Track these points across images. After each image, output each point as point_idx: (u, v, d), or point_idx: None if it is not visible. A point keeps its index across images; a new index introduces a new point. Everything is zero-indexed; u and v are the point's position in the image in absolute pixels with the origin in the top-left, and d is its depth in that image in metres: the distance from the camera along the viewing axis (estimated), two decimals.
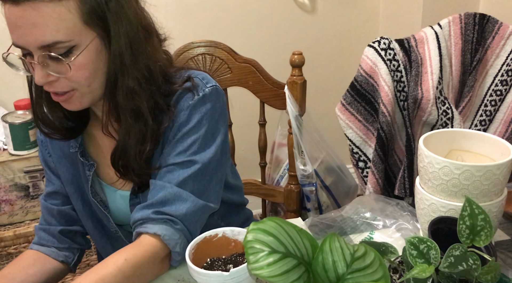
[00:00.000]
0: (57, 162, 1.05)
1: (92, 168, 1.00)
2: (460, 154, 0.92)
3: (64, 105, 0.90)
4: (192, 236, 0.88)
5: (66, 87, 0.85)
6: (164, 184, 0.90)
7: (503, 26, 1.37)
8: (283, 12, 2.19)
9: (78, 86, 0.86)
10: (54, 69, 0.83)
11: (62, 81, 0.84)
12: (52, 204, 1.07)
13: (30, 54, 0.83)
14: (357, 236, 1.00)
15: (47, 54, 0.81)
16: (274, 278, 0.60)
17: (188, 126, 0.92)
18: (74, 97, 0.87)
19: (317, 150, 1.50)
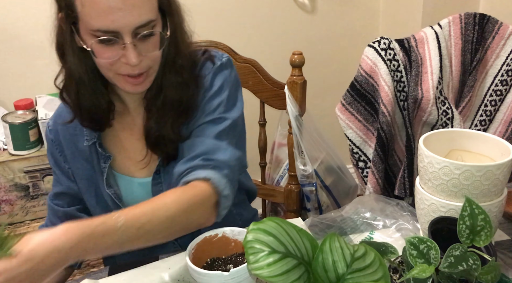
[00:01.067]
0: (70, 158, 1.06)
1: (108, 159, 1.02)
2: (460, 154, 0.92)
3: (136, 88, 0.94)
4: (233, 187, 0.92)
5: (146, 67, 0.91)
6: (202, 139, 0.95)
7: (503, 26, 1.37)
8: (283, 12, 2.19)
9: (153, 64, 0.93)
10: (143, 48, 0.89)
11: (144, 62, 0.90)
12: (58, 205, 1.08)
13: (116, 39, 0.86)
14: (357, 236, 1.00)
15: (142, 33, 0.86)
16: (274, 278, 0.60)
17: (212, 90, 0.99)
18: (148, 76, 0.94)
19: (317, 150, 1.50)
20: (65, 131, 1.06)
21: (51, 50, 2.06)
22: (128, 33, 0.85)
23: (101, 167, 1.03)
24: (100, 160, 1.03)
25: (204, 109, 0.98)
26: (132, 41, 0.86)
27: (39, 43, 1.90)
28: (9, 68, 1.91)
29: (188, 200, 0.85)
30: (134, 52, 0.87)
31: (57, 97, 1.86)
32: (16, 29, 1.87)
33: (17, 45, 1.89)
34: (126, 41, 0.86)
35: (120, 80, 0.93)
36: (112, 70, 0.91)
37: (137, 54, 0.87)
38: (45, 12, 1.98)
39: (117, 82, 0.94)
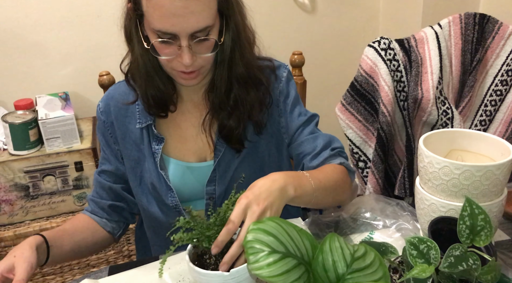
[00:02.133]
0: (121, 139, 1.11)
1: (161, 142, 1.08)
2: (460, 154, 0.92)
3: (189, 82, 1.02)
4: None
5: (198, 66, 0.98)
6: (314, 135, 1.11)
7: (503, 26, 1.37)
8: (283, 12, 2.19)
9: (205, 63, 1.00)
10: (198, 50, 0.95)
11: (197, 61, 0.97)
12: (105, 180, 1.14)
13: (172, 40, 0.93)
14: (357, 236, 1.00)
15: (198, 38, 0.93)
16: (274, 278, 0.60)
17: (291, 97, 1.12)
18: (200, 74, 1.01)
19: None
20: (118, 113, 1.11)
21: (51, 50, 2.07)
22: (185, 36, 0.92)
23: (152, 149, 1.08)
24: (152, 142, 1.08)
25: (293, 113, 1.12)
26: (188, 44, 0.93)
27: (39, 43, 1.90)
28: (9, 68, 1.91)
29: (340, 172, 1.05)
30: (188, 54, 0.94)
31: (57, 97, 1.86)
32: (16, 29, 1.87)
33: (17, 45, 1.89)
34: (183, 44, 0.93)
35: (175, 74, 1.01)
36: (169, 66, 0.99)
37: (191, 56, 0.94)
38: (46, 12, 1.98)
39: (172, 75, 1.02)
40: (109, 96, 1.13)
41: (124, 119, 1.10)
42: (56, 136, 1.73)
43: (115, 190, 1.14)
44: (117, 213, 1.15)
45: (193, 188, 1.10)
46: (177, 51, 0.94)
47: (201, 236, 0.79)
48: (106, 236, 1.15)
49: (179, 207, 1.09)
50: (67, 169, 1.75)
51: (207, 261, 0.81)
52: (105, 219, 1.14)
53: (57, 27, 1.90)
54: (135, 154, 1.10)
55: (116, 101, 1.11)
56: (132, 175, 1.12)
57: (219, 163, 1.08)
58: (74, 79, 1.99)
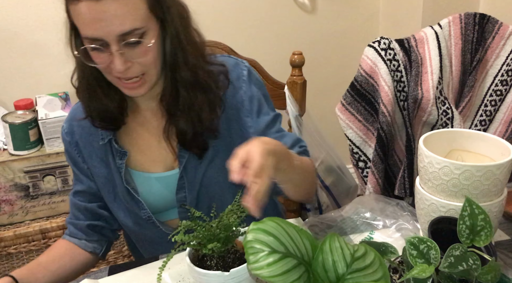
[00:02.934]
0: (88, 157, 1.10)
1: (124, 156, 1.06)
2: (460, 154, 0.92)
3: (133, 92, 0.97)
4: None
5: (138, 72, 0.94)
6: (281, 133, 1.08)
7: (503, 26, 1.37)
8: (283, 12, 2.19)
9: (148, 69, 0.95)
10: (131, 55, 0.91)
11: (135, 67, 0.93)
12: (80, 201, 1.13)
13: (103, 47, 0.90)
14: (357, 236, 1.00)
15: (127, 41, 0.89)
16: (274, 278, 0.60)
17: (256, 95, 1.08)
18: (144, 82, 0.96)
19: (317, 150, 1.50)
20: (81, 132, 1.09)
21: (51, 50, 2.07)
22: (113, 41, 0.89)
23: (117, 164, 1.06)
24: (116, 157, 1.06)
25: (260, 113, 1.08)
26: (118, 49, 0.89)
27: (39, 43, 1.90)
28: (9, 68, 1.91)
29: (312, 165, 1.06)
30: (119, 60, 0.90)
31: (57, 97, 1.86)
32: (16, 29, 1.87)
33: (17, 45, 1.89)
34: (112, 49, 0.89)
35: (118, 83, 0.97)
36: (109, 76, 0.96)
37: (124, 61, 0.90)
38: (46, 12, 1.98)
39: (116, 85, 0.98)
40: (71, 116, 1.12)
41: (89, 138, 1.08)
42: (56, 136, 1.73)
43: (91, 209, 1.12)
44: (97, 232, 1.13)
45: (163, 198, 1.09)
46: (109, 57, 0.91)
47: (202, 239, 0.79)
48: (88, 257, 1.13)
49: (152, 218, 1.08)
50: (67, 169, 1.75)
51: (207, 261, 0.80)
52: (85, 240, 1.12)
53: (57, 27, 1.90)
54: (104, 170, 1.09)
55: (79, 120, 1.08)
56: (105, 191, 1.11)
57: (185, 170, 1.06)
58: None
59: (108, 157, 1.07)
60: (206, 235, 0.78)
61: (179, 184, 1.07)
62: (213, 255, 0.80)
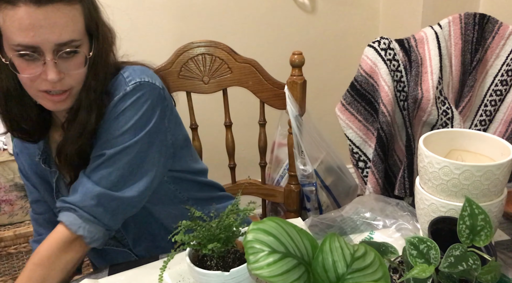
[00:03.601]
0: (29, 171, 1.10)
1: (54, 175, 1.06)
2: (460, 154, 0.92)
3: (57, 105, 0.94)
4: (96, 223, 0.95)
5: (68, 85, 0.92)
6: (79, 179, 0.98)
7: (503, 26, 1.37)
8: (283, 12, 2.19)
9: (76, 83, 0.94)
10: (64, 67, 0.90)
11: (66, 80, 0.91)
12: (38, 213, 1.12)
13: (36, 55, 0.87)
14: (357, 236, 1.00)
15: (64, 51, 0.88)
16: (274, 278, 0.60)
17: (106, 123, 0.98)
18: (69, 96, 0.94)
19: (317, 150, 1.50)
20: (21, 145, 1.10)
21: None
22: (49, 50, 0.87)
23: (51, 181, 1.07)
24: (50, 175, 1.07)
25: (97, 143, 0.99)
26: (52, 58, 0.87)
27: None
28: None
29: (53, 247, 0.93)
30: (54, 69, 0.88)
31: None
32: None
33: None
34: (47, 58, 0.87)
35: (41, 98, 0.93)
36: (33, 87, 0.91)
37: (57, 72, 0.88)
38: None
39: (39, 99, 0.94)
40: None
41: (28, 153, 1.09)
42: None
43: (50, 220, 1.11)
44: None
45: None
46: (41, 67, 0.88)
47: (202, 239, 0.79)
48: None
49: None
50: None
51: (207, 261, 0.80)
52: None
53: None
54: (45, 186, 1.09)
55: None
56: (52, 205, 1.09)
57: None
58: None
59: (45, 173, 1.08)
60: (206, 235, 0.78)
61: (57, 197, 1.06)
62: (213, 255, 0.80)
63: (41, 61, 0.88)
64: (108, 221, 0.96)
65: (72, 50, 0.89)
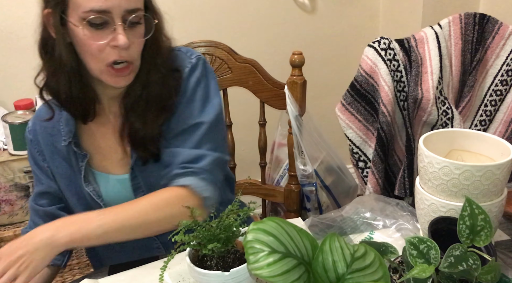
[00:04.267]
0: (49, 158, 1.08)
1: (85, 158, 1.05)
2: (460, 154, 0.92)
3: (120, 80, 0.97)
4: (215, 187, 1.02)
5: (131, 56, 0.96)
6: (181, 149, 1.01)
7: (503, 26, 1.37)
8: (283, 12, 2.19)
9: (137, 56, 0.98)
10: (131, 35, 0.94)
11: (132, 50, 0.95)
12: (39, 205, 1.10)
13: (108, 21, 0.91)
14: (357, 236, 1.00)
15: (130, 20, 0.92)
16: (274, 278, 0.60)
17: (186, 96, 1.04)
18: (131, 71, 0.98)
19: (317, 150, 1.50)
20: (44, 131, 1.08)
21: None
22: (118, 15, 0.91)
23: (79, 165, 1.06)
24: (78, 159, 1.06)
25: (181, 115, 1.03)
26: (122, 24, 0.91)
27: None
28: (9, 68, 1.91)
29: (159, 200, 0.97)
30: (124, 34, 0.92)
31: None
32: (16, 29, 1.87)
33: (17, 45, 1.89)
34: (117, 23, 0.91)
35: (105, 73, 0.96)
36: (100, 59, 0.94)
37: (126, 37, 0.92)
38: None
39: (103, 75, 0.97)
40: (36, 115, 1.11)
41: (51, 138, 1.08)
42: None
43: (51, 213, 1.08)
44: None
45: (124, 199, 1.03)
46: (111, 35, 0.92)
47: (202, 239, 0.79)
48: (49, 272, 1.07)
49: None
50: None
51: (207, 261, 0.80)
52: None
53: None
54: (67, 171, 1.07)
55: (41, 119, 1.08)
56: (67, 193, 1.09)
57: (134, 171, 1.05)
58: None
59: (70, 158, 1.06)
60: (206, 235, 0.78)
61: (133, 185, 1.06)
62: (213, 255, 0.80)
63: (110, 29, 0.91)
64: (220, 184, 1.06)
65: (137, 20, 0.94)
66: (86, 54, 0.95)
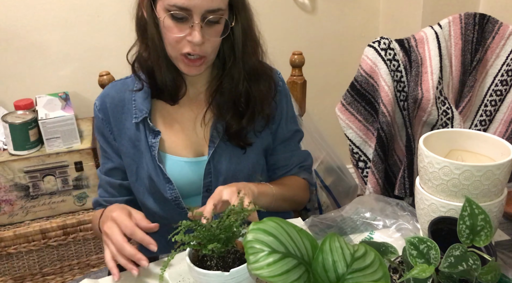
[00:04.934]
0: (117, 135, 1.13)
1: (158, 135, 1.09)
2: (460, 154, 0.92)
3: (192, 69, 1.04)
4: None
5: (205, 51, 1.01)
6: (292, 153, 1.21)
7: (503, 26, 1.37)
8: (283, 12, 2.19)
9: (212, 50, 1.03)
10: (207, 32, 0.99)
11: (205, 45, 1.00)
12: (114, 178, 1.15)
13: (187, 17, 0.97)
14: (357, 236, 1.00)
15: (209, 19, 0.97)
16: (274, 278, 0.60)
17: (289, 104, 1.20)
18: (204, 63, 1.04)
19: (317, 150, 1.50)
20: (114, 110, 1.12)
21: (51, 50, 2.07)
22: (198, 14, 0.96)
23: (149, 143, 1.09)
24: (149, 136, 1.09)
25: (285, 126, 1.19)
26: (199, 23, 0.97)
27: (39, 43, 1.90)
28: (9, 68, 1.91)
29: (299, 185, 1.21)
30: (199, 32, 0.97)
31: (57, 97, 1.86)
32: (16, 29, 1.87)
33: (17, 45, 1.89)
34: (195, 21, 0.96)
35: (180, 60, 1.03)
36: (176, 48, 1.01)
37: (202, 35, 0.98)
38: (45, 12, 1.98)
39: (178, 61, 1.04)
40: (104, 94, 1.15)
41: (121, 116, 1.12)
42: (56, 137, 1.73)
43: (126, 186, 1.15)
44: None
45: (191, 182, 1.11)
46: (188, 30, 0.97)
47: (202, 239, 0.79)
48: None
49: (178, 199, 1.10)
50: (67, 169, 1.75)
51: (207, 261, 0.81)
52: None
53: (57, 27, 1.91)
54: (131, 151, 1.11)
55: (112, 98, 1.12)
56: (128, 171, 1.13)
57: (213, 157, 1.10)
58: (74, 79, 1.99)
59: (138, 136, 1.10)
60: (206, 235, 0.78)
61: (206, 170, 1.10)
62: (213, 255, 0.80)
63: (188, 24, 0.97)
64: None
65: (217, 19, 0.99)
66: (166, 41, 1.02)
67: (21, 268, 1.78)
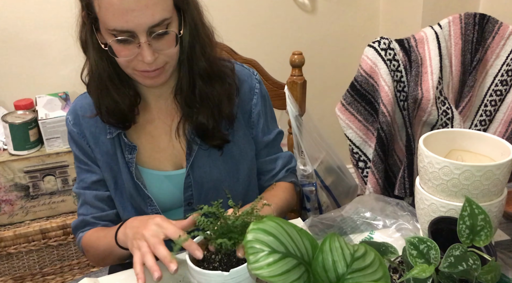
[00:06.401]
0: (94, 149, 1.08)
1: (134, 150, 1.05)
2: (460, 154, 0.92)
3: (154, 81, 0.98)
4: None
5: (162, 62, 0.96)
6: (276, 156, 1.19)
7: (503, 26, 1.37)
8: (283, 12, 2.19)
9: (170, 59, 0.97)
10: (158, 46, 0.93)
11: (160, 58, 0.95)
12: (101, 191, 1.10)
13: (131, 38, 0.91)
14: (357, 236, 1.00)
15: (156, 33, 0.91)
16: (274, 278, 0.60)
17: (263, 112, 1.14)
18: (164, 71, 0.98)
19: (317, 150, 1.50)
20: (87, 123, 1.07)
21: (51, 50, 2.07)
22: (142, 32, 0.90)
23: (125, 158, 1.05)
24: (125, 152, 1.05)
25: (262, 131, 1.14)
26: (147, 40, 0.91)
27: (39, 43, 1.90)
28: (9, 68, 1.91)
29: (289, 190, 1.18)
30: (149, 51, 0.91)
31: (57, 97, 1.86)
32: (16, 29, 1.87)
33: (17, 45, 1.89)
34: (141, 41, 0.91)
35: (139, 76, 0.98)
36: (130, 67, 0.96)
37: (152, 52, 0.92)
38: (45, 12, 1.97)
39: (136, 77, 0.98)
40: (76, 107, 1.10)
41: (95, 130, 1.07)
42: (56, 136, 1.73)
43: (111, 197, 1.10)
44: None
45: (171, 196, 1.09)
46: (137, 49, 0.92)
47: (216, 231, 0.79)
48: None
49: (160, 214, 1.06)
50: (67, 169, 1.75)
51: (207, 261, 0.80)
52: None
53: (57, 27, 1.90)
54: (108, 165, 1.07)
55: (85, 111, 1.07)
56: (108, 185, 1.10)
57: (192, 168, 1.06)
58: (74, 79, 1.97)
59: (115, 152, 1.06)
60: (222, 227, 0.78)
61: (186, 183, 1.07)
62: (214, 257, 0.80)
63: (135, 44, 0.91)
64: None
65: (163, 31, 0.92)
66: (118, 62, 0.97)
67: (21, 268, 1.78)
